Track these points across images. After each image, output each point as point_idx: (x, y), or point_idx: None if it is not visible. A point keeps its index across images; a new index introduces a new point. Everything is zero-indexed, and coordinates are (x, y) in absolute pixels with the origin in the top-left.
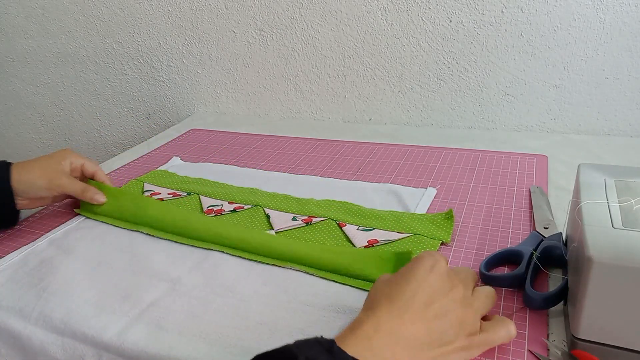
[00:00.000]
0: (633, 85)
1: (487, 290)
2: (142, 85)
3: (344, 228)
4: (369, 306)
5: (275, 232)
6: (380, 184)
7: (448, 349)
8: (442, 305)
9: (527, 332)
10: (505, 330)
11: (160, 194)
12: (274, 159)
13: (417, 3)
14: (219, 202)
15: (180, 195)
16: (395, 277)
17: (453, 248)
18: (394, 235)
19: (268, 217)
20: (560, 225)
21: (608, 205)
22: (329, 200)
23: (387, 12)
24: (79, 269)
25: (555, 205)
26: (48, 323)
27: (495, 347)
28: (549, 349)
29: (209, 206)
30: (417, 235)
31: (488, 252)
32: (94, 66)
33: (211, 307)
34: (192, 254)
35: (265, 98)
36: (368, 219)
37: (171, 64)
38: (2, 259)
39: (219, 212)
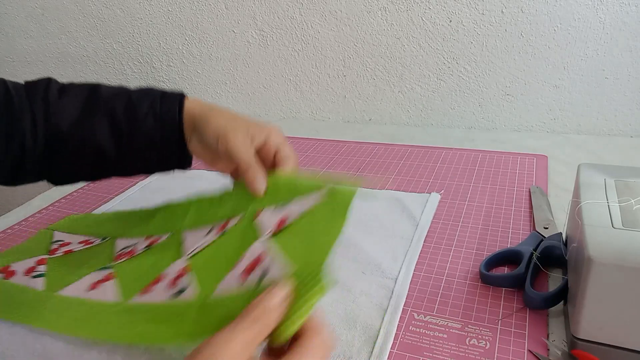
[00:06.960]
0: (633, 85)
1: None
2: (142, 85)
3: (257, 219)
4: None
5: (187, 258)
6: (383, 190)
7: None
8: None
9: (527, 332)
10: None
11: (70, 243)
12: None
13: (417, 3)
14: (134, 240)
15: (92, 242)
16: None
17: (453, 248)
18: (309, 202)
19: (180, 244)
20: (560, 225)
21: (608, 205)
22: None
23: (387, 12)
24: None
25: (555, 205)
26: None
27: (495, 347)
28: (549, 349)
29: (121, 250)
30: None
31: (488, 252)
32: (94, 66)
33: None
34: None
35: (265, 98)
36: (285, 191)
37: (171, 64)
38: None
39: (131, 254)
